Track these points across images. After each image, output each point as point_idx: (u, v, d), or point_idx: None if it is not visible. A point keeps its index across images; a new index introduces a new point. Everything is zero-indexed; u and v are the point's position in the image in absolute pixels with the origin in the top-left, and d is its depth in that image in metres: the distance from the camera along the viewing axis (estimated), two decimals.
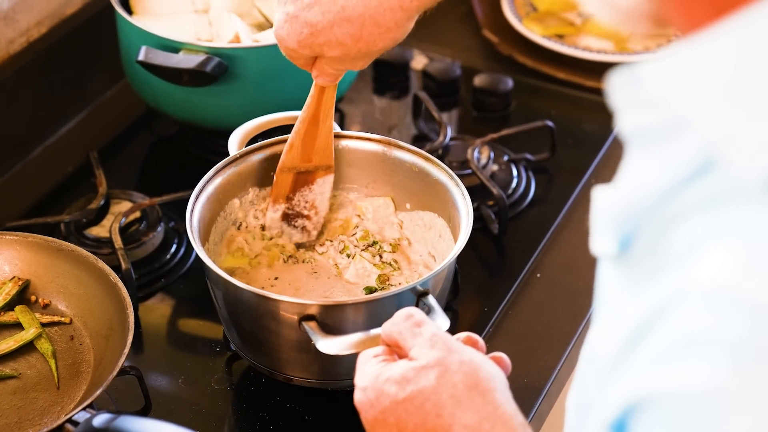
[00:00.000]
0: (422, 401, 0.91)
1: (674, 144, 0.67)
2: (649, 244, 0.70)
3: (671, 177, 0.67)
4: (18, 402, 1.23)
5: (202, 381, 1.32)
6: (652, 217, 0.69)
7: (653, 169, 0.69)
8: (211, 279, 1.25)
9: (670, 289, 0.65)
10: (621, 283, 0.73)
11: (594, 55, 1.82)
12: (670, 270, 0.66)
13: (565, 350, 1.36)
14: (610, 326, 0.73)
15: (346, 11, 1.16)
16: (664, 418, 0.63)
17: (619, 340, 0.70)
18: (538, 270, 1.47)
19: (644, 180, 0.70)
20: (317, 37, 1.18)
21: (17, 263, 1.34)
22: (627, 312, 0.70)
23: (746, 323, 0.60)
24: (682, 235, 0.66)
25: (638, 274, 0.71)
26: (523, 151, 1.62)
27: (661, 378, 0.63)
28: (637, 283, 0.70)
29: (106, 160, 1.60)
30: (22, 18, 1.64)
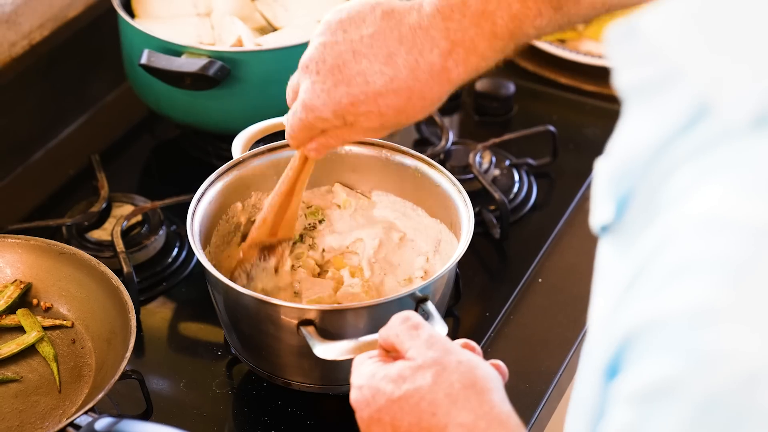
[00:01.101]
0: (418, 400, 0.91)
1: (669, 95, 0.67)
2: (643, 201, 0.70)
3: (666, 129, 0.67)
4: (19, 405, 1.23)
5: (204, 385, 1.32)
6: (648, 173, 0.69)
7: (648, 124, 0.69)
8: (211, 283, 1.25)
9: (665, 228, 0.65)
10: (617, 256, 0.73)
11: (596, 59, 1.82)
12: (664, 214, 0.66)
13: (566, 355, 1.36)
14: (601, 299, 0.74)
15: (395, 83, 1.09)
16: (656, 341, 0.63)
17: (608, 302, 0.70)
18: (540, 275, 1.47)
19: (640, 135, 0.70)
20: (358, 107, 1.10)
21: (19, 266, 1.34)
22: (618, 274, 0.70)
23: (739, 244, 0.60)
24: (674, 183, 0.66)
25: (631, 236, 0.70)
26: (525, 155, 1.62)
27: (654, 305, 0.63)
28: (630, 247, 0.70)
29: (108, 164, 1.60)
30: (24, 21, 1.64)
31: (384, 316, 1.14)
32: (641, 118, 0.70)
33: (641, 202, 0.70)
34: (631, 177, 0.70)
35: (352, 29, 1.11)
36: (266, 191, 1.36)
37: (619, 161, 0.72)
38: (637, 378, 0.64)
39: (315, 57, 1.12)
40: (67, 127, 1.71)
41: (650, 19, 0.67)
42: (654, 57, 0.68)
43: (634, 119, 0.71)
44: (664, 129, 0.67)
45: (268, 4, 1.67)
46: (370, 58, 1.09)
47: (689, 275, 0.62)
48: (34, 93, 1.66)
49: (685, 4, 0.65)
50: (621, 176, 0.71)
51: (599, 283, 0.77)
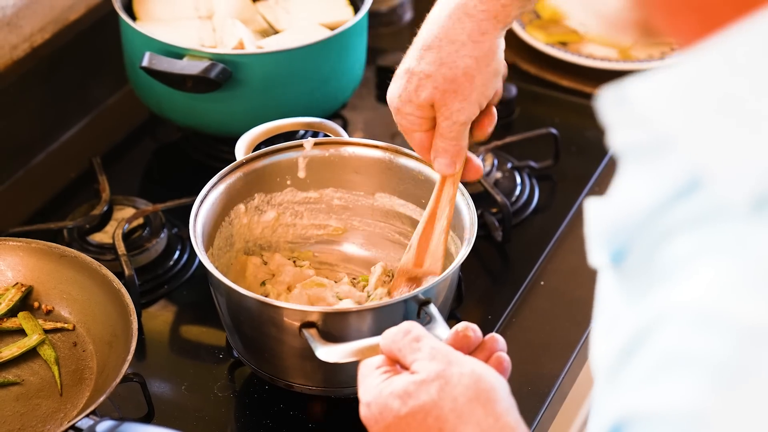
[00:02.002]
0: (424, 416, 0.92)
1: (663, 161, 0.67)
2: (641, 258, 0.69)
3: (661, 193, 0.67)
4: (21, 408, 1.23)
5: (205, 388, 1.31)
6: (644, 232, 0.69)
7: (644, 185, 0.69)
8: (213, 285, 1.25)
9: (657, 308, 0.65)
10: (618, 292, 0.73)
11: (598, 62, 1.82)
12: (658, 288, 0.66)
13: (569, 358, 1.36)
14: (607, 335, 0.73)
15: (426, 41, 1.17)
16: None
17: (613, 352, 0.69)
18: (542, 278, 1.47)
19: (635, 195, 0.70)
20: (410, 82, 1.18)
21: (20, 269, 1.34)
22: (623, 323, 0.70)
23: (727, 344, 0.60)
24: (671, 253, 0.66)
25: (633, 286, 0.70)
26: (527, 158, 1.62)
27: (644, 397, 0.63)
28: (633, 295, 0.70)
29: (109, 166, 1.60)
30: (25, 24, 1.64)
31: (387, 319, 1.14)
32: (636, 179, 0.70)
33: (639, 257, 0.70)
34: (626, 234, 0.70)
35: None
36: (269, 193, 1.36)
37: (615, 217, 0.72)
38: None
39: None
40: (69, 129, 1.71)
41: (639, 88, 0.66)
42: (645, 124, 0.67)
43: (630, 178, 0.71)
44: (659, 193, 0.67)
45: (269, 6, 1.67)
46: None
47: (679, 370, 0.62)
48: (35, 96, 1.66)
49: (676, 76, 0.64)
50: (617, 232, 0.71)
51: (602, 313, 0.77)
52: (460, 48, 1.16)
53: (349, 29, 1.55)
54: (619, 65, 1.81)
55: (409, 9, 1.99)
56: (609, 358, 0.70)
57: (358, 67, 1.63)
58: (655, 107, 0.66)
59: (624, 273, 0.72)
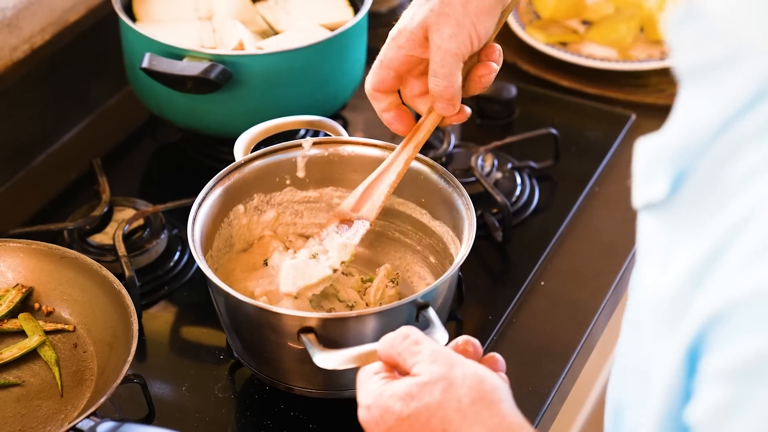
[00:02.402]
0: (428, 417, 0.91)
1: (729, 76, 0.70)
2: (704, 180, 0.73)
3: (726, 109, 0.70)
4: (21, 410, 1.23)
5: (206, 389, 1.31)
6: (708, 152, 0.72)
7: (709, 103, 0.72)
8: (212, 289, 1.25)
9: (746, 206, 0.68)
10: (667, 230, 0.76)
11: (597, 62, 1.82)
12: (737, 194, 0.69)
13: (569, 359, 1.36)
14: (660, 273, 0.76)
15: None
16: (749, 318, 0.66)
17: (677, 279, 0.73)
18: (542, 278, 1.47)
19: (699, 115, 0.73)
20: (408, 11, 1.19)
21: (21, 270, 1.34)
22: (681, 253, 0.73)
23: None
24: (741, 163, 0.69)
25: (691, 215, 0.74)
26: (527, 158, 1.62)
27: (742, 284, 0.66)
28: (691, 224, 0.73)
29: (110, 168, 1.60)
30: (25, 25, 1.64)
31: (385, 324, 1.14)
32: (701, 98, 0.72)
33: (701, 179, 0.73)
34: (690, 155, 0.73)
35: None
36: (268, 193, 1.36)
37: (679, 139, 0.75)
38: (731, 355, 0.66)
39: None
40: (69, 131, 1.71)
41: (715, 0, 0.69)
42: (716, 37, 0.69)
43: (694, 99, 0.74)
44: (726, 109, 0.70)
45: (269, 7, 1.67)
46: None
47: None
48: (36, 97, 1.66)
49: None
50: (680, 153, 0.74)
51: (646, 257, 0.80)
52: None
53: (349, 30, 1.56)
54: (619, 65, 1.81)
55: None
56: (671, 288, 0.73)
57: (358, 67, 1.63)
58: (730, 15, 0.68)
59: (679, 203, 0.75)
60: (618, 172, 1.65)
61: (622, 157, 1.67)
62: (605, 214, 1.58)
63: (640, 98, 1.79)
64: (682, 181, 0.75)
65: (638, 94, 1.80)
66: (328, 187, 1.39)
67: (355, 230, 1.29)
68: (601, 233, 1.55)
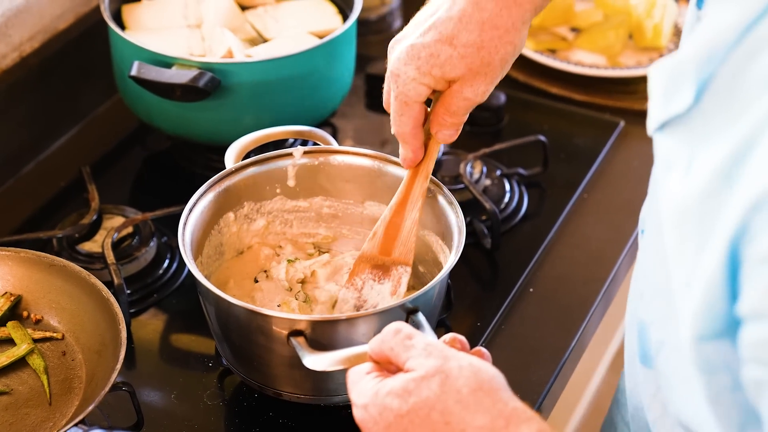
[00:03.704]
0: (428, 411, 0.91)
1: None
2: (726, 84, 0.77)
3: (747, 13, 0.75)
4: (9, 418, 1.23)
5: (195, 396, 1.31)
6: (729, 58, 0.77)
7: (730, 11, 0.77)
8: (202, 294, 1.25)
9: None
10: (690, 140, 0.81)
11: (586, 69, 1.82)
12: (762, 93, 0.73)
13: (557, 365, 1.36)
14: (685, 178, 0.80)
15: (463, 21, 1.13)
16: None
17: (705, 178, 0.77)
18: (531, 284, 1.47)
19: (723, 21, 0.78)
20: (437, 57, 1.14)
21: (9, 278, 1.34)
22: (706, 155, 0.77)
23: None
24: (764, 64, 0.74)
25: (714, 119, 0.78)
26: (516, 165, 1.62)
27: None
28: (715, 127, 0.78)
29: (99, 176, 1.60)
30: (14, 33, 1.64)
31: (374, 327, 1.14)
32: (722, 9, 0.78)
33: (723, 85, 0.78)
34: (714, 61, 0.78)
35: None
36: (259, 201, 1.36)
37: (702, 47, 0.79)
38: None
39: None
40: (58, 139, 1.71)
41: None
42: None
43: (715, 12, 0.79)
44: (747, 12, 0.75)
45: (258, 15, 1.67)
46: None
47: None
48: (25, 105, 1.66)
49: None
50: (705, 61, 0.79)
51: (667, 172, 0.84)
52: (504, 35, 1.14)
53: (338, 37, 1.56)
54: (607, 72, 1.82)
55: (398, 17, 2.00)
56: (700, 185, 0.77)
57: (347, 75, 1.64)
58: None
59: (701, 111, 0.80)
60: (607, 178, 1.65)
61: (611, 163, 1.68)
62: (594, 220, 1.58)
63: (629, 105, 1.79)
64: (704, 90, 0.79)
65: (627, 100, 1.80)
66: (318, 197, 1.39)
67: (397, 278, 1.28)
68: (589, 240, 1.55)
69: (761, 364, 0.76)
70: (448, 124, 1.20)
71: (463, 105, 1.18)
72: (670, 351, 0.93)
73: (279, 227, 1.40)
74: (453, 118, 1.20)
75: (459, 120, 1.20)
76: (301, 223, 1.40)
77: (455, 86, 1.17)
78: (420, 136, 1.22)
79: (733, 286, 0.77)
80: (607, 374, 2.15)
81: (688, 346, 0.83)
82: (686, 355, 0.84)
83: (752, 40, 0.76)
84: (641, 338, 1.04)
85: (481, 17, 1.13)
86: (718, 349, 0.81)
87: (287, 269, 1.34)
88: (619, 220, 1.58)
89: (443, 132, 1.21)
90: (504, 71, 1.17)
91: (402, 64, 1.16)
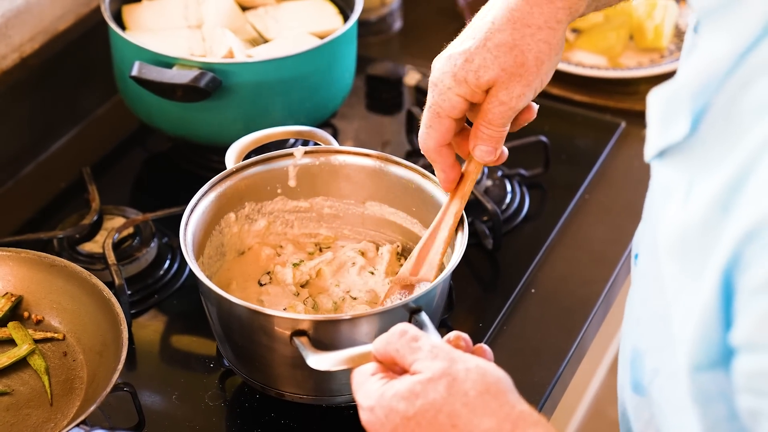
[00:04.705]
0: (434, 414, 0.90)
1: (741, 11, 0.76)
2: (721, 114, 0.78)
3: (739, 43, 0.76)
4: (11, 419, 1.22)
5: (196, 397, 1.31)
6: (723, 87, 0.78)
7: (723, 41, 0.78)
8: (204, 294, 1.24)
9: (766, 129, 0.73)
10: (687, 169, 0.81)
11: (587, 70, 1.82)
12: (756, 121, 0.74)
13: (559, 366, 1.36)
14: (683, 207, 0.80)
15: (495, 23, 1.12)
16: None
17: (702, 208, 0.77)
18: (533, 285, 1.47)
19: (715, 51, 0.78)
20: (471, 62, 1.12)
21: (10, 279, 1.34)
22: (703, 184, 0.78)
23: None
24: (757, 93, 0.75)
25: (711, 149, 0.79)
26: (517, 166, 1.62)
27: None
28: (711, 157, 0.78)
29: (100, 176, 1.60)
30: (14, 33, 1.64)
31: (378, 327, 1.14)
32: (716, 37, 0.79)
33: (718, 114, 0.78)
34: (708, 92, 0.79)
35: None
36: (260, 201, 1.36)
37: (697, 77, 0.80)
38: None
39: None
40: (59, 140, 1.71)
41: None
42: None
43: (709, 40, 0.80)
44: (739, 42, 0.76)
45: (259, 15, 1.67)
46: None
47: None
48: (25, 106, 1.66)
49: None
50: (700, 91, 0.80)
51: (665, 200, 0.84)
52: (536, 32, 1.12)
53: (338, 38, 1.56)
54: (608, 73, 1.82)
55: (398, 18, 1.99)
56: (697, 215, 0.78)
57: (348, 75, 1.63)
58: None
59: (698, 140, 0.81)
60: (608, 179, 1.65)
61: (612, 164, 1.68)
62: (595, 221, 1.58)
63: (630, 106, 1.79)
64: (701, 119, 0.80)
65: (628, 101, 1.80)
66: (319, 197, 1.39)
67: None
68: (591, 241, 1.55)
69: (756, 394, 0.75)
70: (485, 137, 1.16)
71: (499, 111, 1.14)
72: (665, 379, 0.92)
73: (280, 228, 1.40)
74: (489, 129, 1.16)
75: (495, 131, 1.16)
76: (302, 224, 1.40)
77: (491, 92, 1.14)
78: (446, 155, 1.19)
79: (727, 315, 0.77)
80: (607, 376, 2.15)
81: (683, 375, 0.82)
82: (682, 384, 0.83)
83: (746, 68, 0.76)
84: (634, 365, 1.02)
85: (513, 17, 1.12)
86: (713, 379, 0.80)
87: (293, 273, 1.33)
88: (620, 221, 1.58)
89: (479, 147, 1.17)
90: (541, 75, 1.13)
91: (440, 73, 1.14)
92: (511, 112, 1.15)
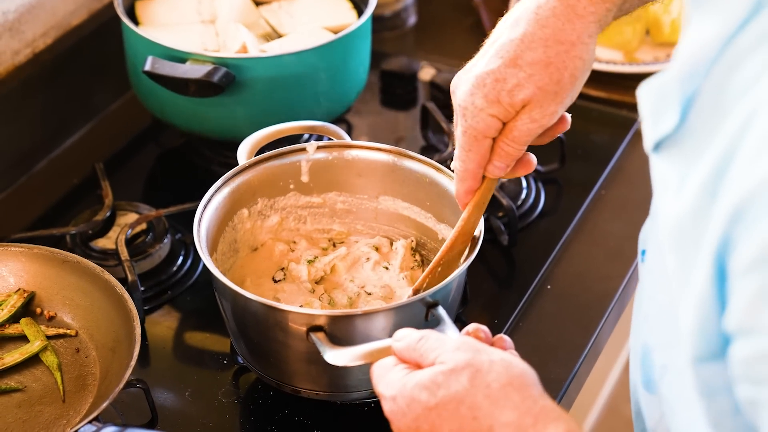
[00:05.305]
0: (456, 405, 0.90)
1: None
2: (709, 100, 0.77)
3: (726, 26, 0.75)
4: (23, 415, 1.22)
5: (209, 394, 1.30)
6: (711, 73, 0.77)
7: (710, 25, 0.77)
8: (219, 290, 1.24)
9: (748, 109, 0.72)
10: (680, 160, 0.80)
11: (603, 65, 1.81)
12: (740, 100, 0.73)
13: (576, 363, 1.35)
14: (676, 198, 0.80)
15: (525, 41, 1.08)
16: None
17: (692, 195, 0.77)
18: (549, 281, 1.46)
19: (703, 37, 0.78)
20: (503, 81, 1.08)
21: (22, 275, 1.33)
22: (694, 173, 0.77)
23: None
24: (743, 74, 0.74)
25: (701, 137, 0.78)
26: None
27: (760, 170, 0.69)
28: (701, 145, 0.77)
29: (112, 172, 1.59)
30: (27, 29, 1.64)
31: (395, 322, 1.13)
32: (704, 22, 0.78)
33: (706, 101, 0.77)
34: (698, 77, 0.78)
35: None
36: (272, 197, 1.35)
37: (685, 64, 0.79)
38: (756, 242, 0.69)
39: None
40: (71, 135, 1.70)
41: None
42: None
43: (697, 25, 0.79)
44: (726, 25, 0.75)
45: (273, 10, 1.66)
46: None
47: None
48: (38, 102, 1.66)
49: None
50: (688, 78, 0.79)
51: (664, 194, 0.83)
52: (570, 48, 1.08)
53: (352, 33, 1.55)
54: (624, 68, 1.80)
55: (413, 13, 1.99)
56: (693, 195, 0.77)
57: (362, 71, 1.63)
58: None
59: (688, 129, 0.80)
60: (624, 175, 1.64)
61: (628, 160, 1.66)
62: (611, 217, 1.57)
63: None
64: (690, 107, 0.79)
65: None
66: (332, 192, 1.38)
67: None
68: (607, 237, 1.54)
69: (753, 382, 0.74)
70: (504, 153, 1.13)
71: (527, 129, 1.11)
72: (673, 376, 0.91)
73: (293, 223, 1.39)
74: (510, 146, 1.12)
75: (515, 149, 1.13)
76: (315, 219, 1.39)
77: (523, 110, 1.10)
78: (480, 177, 1.16)
79: (723, 303, 0.75)
80: (622, 373, 2.14)
81: (687, 369, 0.81)
82: (686, 378, 0.82)
83: (732, 52, 0.75)
84: (645, 363, 1.01)
85: (544, 34, 1.08)
86: (716, 371, 0.79)
87: (309, 270, 1.32)
88: (636, 217, 1.56)
89: (494, 163, 1.14)
90: (574, 90, 1.11)
91: (469, 95, 1.10)
92: (540, 130, 1.12)
